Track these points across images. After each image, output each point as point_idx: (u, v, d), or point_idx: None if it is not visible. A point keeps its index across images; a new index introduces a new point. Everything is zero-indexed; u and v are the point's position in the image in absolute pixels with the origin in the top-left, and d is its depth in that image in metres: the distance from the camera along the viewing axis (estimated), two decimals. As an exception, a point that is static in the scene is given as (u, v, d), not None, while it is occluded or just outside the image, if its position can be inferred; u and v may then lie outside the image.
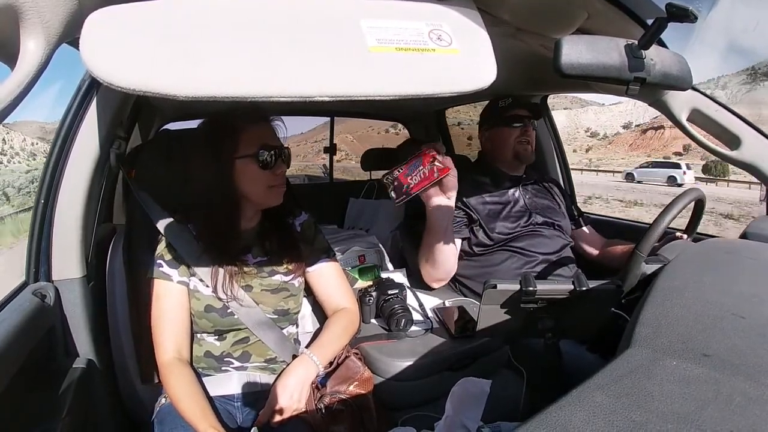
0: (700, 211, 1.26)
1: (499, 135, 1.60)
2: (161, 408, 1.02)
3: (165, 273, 1.03)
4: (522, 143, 1.58)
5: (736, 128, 1.14)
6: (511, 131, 1.57)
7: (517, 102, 1.61)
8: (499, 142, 1.60)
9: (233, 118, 1.02)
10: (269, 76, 0.54)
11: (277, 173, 1.03)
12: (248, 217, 1.10)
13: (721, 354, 0.48)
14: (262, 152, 1.00)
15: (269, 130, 1.05)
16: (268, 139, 1.03)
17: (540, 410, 0.41)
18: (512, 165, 1.62)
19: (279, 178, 1.04)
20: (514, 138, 1.57)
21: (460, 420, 0.86)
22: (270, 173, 1.02)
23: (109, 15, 0.53)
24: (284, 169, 1.05)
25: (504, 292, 0.96)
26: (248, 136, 1.01)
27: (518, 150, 1.58)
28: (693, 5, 0.72)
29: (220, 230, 1.05)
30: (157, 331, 1.01)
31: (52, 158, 1.00)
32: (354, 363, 1.09)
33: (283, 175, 1.05)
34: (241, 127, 1.01)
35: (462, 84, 0.63)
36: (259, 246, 1.11)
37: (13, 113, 0.50)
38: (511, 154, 1.59)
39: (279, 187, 1.05)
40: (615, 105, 76.18)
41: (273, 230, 1.13)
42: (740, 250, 0.86)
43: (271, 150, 1.01)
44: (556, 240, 1.55)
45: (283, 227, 1.15)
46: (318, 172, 6.94)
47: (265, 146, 1.01)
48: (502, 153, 1.61)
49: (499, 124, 1.60)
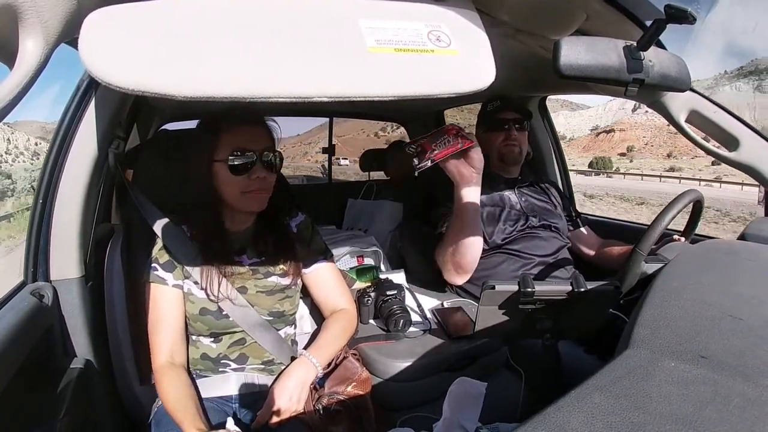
0: (698, 213, 1.26)
1: (488, 138, 1.62)
2: (158, 409, 1.01)
3: (160, 277, 1.03)
4: (507, 145, 1.60)
5: (735, 130, 1.14)
6: (497, 134, 1.60)
7: (505, 104, 1.63)
8: (487, 145, 1.61)
9: (218, 120, 1.02)
10: (268, 77, 0.54)
11: (251, 179, 0.99)
12: (240, 218, 1.09)
13: (720, 355, 0.48)
14: (231, 158, 0.98)
15: (250, 134, 1.01)
16: (246, 143, 0.99)
17: (538, 411, 0.41)
18: (501, 167, 1.64)
19: (254, 184, 1.00)
20: (499, 141, 1.60)
21: (458, 421, 0.86)
22: (243, 179, 0.99)
23: (108, 15, 0.53)
24: (262, 175, 1.00)
25: (502, 293, 0.96)
26: (226, 140, 0.99)
27: (503, 152, 1.61)
28: (692, 6, 0.72)
29: (210, 231, 1.06)
30: (153, 335, 1.01)
31: (51, 158, 1.00)
32: (352, 364, 1.09)
33: (262, 180, 1.00)
34: (222, 130, 1.00)
35: (461, 85, 0.63)
36: (253, 247, 1.11)
37: (14, 113, 0.50)
38: (496, 157, 1.62)
39: (256, 193, 1.01)
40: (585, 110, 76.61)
41: (268, 231, 1.12)
42: (739, 251, 0.86)
43: (245, 155, 0.98)
44: (552, 242, 1.55)
45: (279, 228, 1.14)
46: (316, 172, 6.96)
47: (239, 150, 0.98)
48: (490, 156, 1.62)
49: (488, 128, 1.63)
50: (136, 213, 1.17)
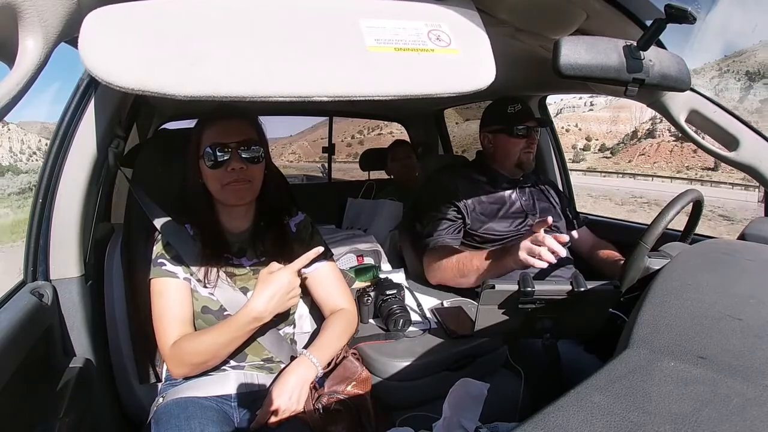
0: (698, 214, 1.26)
1: (505, 142, 1.58)
2: (158, 408, 1.01)
3: (169, 271, 1.03)
4: (527, 153, 1.58)
5: (735, 130, 1.14)
6: (518, 141, 1.56)
7: (526, 110, 1.59)
8: (504, 149, 1.59)
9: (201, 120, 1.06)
10: (268, 76, 0.54)
11: (228, 170, 1.01)
12: (236, 216, 1.10)
13: (719, 355, 0.48)
14: (208, 151, 1.01)
15: (227, 128, 1.03)
16: (222, 137, 1.01)
17: (538, 411, 0.41)
18: (512, 170, 1.62)
19: (231, 176, 1.01)
20: (520, 148, 1.57)
21: (458, 420, 0.86)
22: (221, 171, 1.01)
23: (107, 14, 0.52)
24: (238, 167, 1.01)
25: (502, 293, 0.96)
26: (206, 136, 1.03)
27: (522, 159, 1.58)
28: (692, 6, 0.72)
29: (209, 231, 1.07)
30: (161, 325, 1.00)
31: (51, 157, 1.00)
32: (352, 363, 1.09)
33: (239, 172, 1.01)
34: (204, 127, 1.04)
35: (461, 84, 0.63)
36: (253, 249, 1.12)
37: (15, 113, 0.50)
38: (514, 163, 1.59)
39: (234, 184, 1.02)
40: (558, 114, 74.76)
41: (266, 230, 1.13)
42: (739, 251, 0.86)
43: (221, 147, 1.01)
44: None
45: (277, 228, 1.14)
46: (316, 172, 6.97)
47: (214, 144, 1.01)
48: (506, 160, 1.60)
49: (505, 131, 1.58)
50: (137, 212, 1.17)
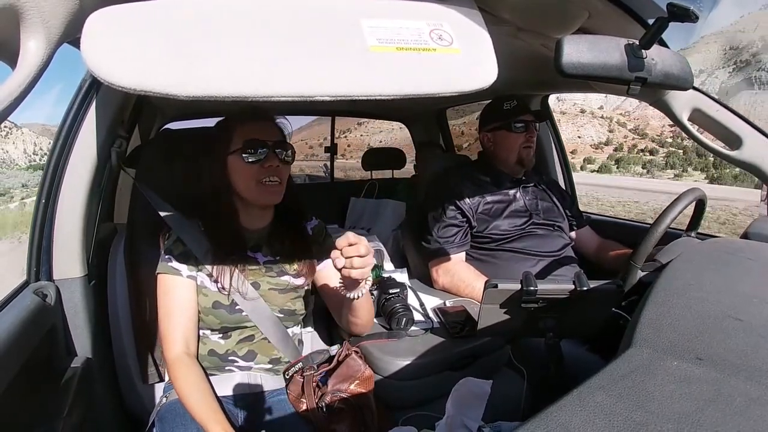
0: (701, 211, 1.26)
1: (504, 139, 1.58)
2: (162, 407, 1.02)
3: (174, 268, 1.03)
4: (526, 148, 1.57)
5: (738, 128, 1.13)
6: (517, 136, 1.56)
7: (522, 105, 1.59)
8: (504, 146, 1.59)
9: (230, 119, 1.06)
10: (270, 76, 0.54)
11: (265, 167, 1.01)
12: (256, 216, 1.10)
13: (722, 354, 0.48)
14: (245, 146, 1.01)
15: (263, 127, 1.05)
16: (259, 134, 1.02)
17: (541, 410, 0.41)
18: (514, 168, 1.62)
19: (267, 172, 1.01)
20: (519, 143, 1.56)
21: (461, 420, 0.86)
22: (257, 167, 1.01)
23: (109, 15, 0.53)
24: (274, 164, 1.02)
25: (505, 292, 0.96)
26: (239, 133, 1.03)
27: (522, 155, 1.58)
28: (694, 5, 0.72)
29: (223, 227, 1.06)
30: (165, 326, 1.00)
31: (54, 157, 1.00)
32: (355, 362, 1.09)
33: (275, 169, 1.02)
34: (235, 126, 1.04)
35: (463, 84, 0.62)
36: (268, 246, 1.12)
37: (18, 113, 0.51)
38: (515, 159, 1.59)
39: (270, 182, 1.02)
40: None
41: (285, 231, 1.13)
42: (742, 250, 0.86)
43: (259, 144, 1.01)
44: (556, 240, 1.55)
45: (297, 229, 1.15)
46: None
47: (253, 140, 1.01)
48: (507, 157, 1.60)
49: (504, 127, 1.58)
50: (140, 212, 1.17)
